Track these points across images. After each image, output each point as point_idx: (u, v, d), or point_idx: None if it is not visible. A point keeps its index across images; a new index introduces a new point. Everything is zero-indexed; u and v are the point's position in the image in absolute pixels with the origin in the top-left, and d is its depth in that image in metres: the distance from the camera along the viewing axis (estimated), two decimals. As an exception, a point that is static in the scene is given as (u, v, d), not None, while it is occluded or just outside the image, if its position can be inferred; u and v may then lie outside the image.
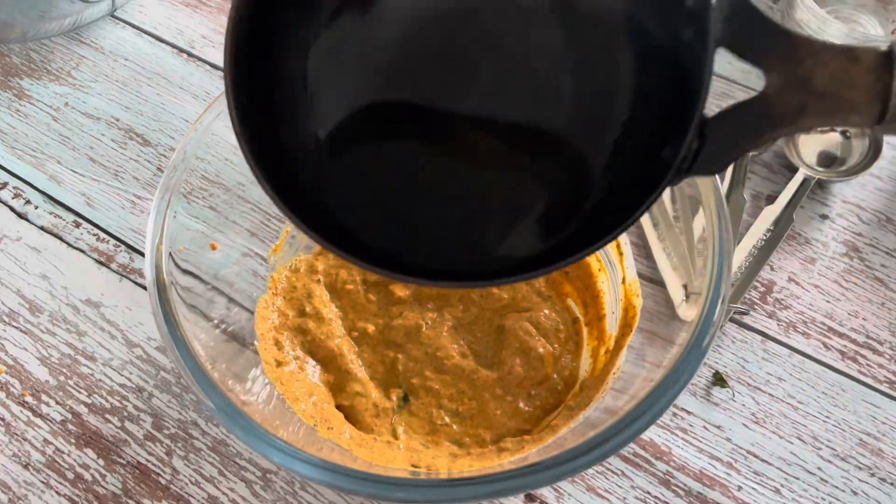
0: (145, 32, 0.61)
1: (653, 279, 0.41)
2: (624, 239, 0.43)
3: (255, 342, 0.41)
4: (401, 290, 0.45)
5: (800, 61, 0.25)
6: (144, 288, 0.49)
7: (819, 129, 0.42)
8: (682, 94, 0.27)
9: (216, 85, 0.58)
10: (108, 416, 0.44)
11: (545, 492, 0.42)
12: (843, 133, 0.52)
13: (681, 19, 0.27)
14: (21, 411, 0.45)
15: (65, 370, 0.46)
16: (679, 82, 0.27)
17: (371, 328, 0.44)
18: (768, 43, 0.26)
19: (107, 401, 0.45)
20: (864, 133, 0.51)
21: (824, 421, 0.44)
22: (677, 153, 0.27)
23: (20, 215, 0.52)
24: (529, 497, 0.42)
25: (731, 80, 0.56)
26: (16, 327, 0.47)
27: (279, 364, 0.41)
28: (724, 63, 0.57)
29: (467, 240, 0.31)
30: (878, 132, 0.25)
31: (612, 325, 0.43)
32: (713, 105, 0.51)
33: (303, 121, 0.31)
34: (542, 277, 0.45)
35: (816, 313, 0.47)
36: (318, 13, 0.30)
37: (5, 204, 0.53)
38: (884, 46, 0.25)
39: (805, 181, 0.50)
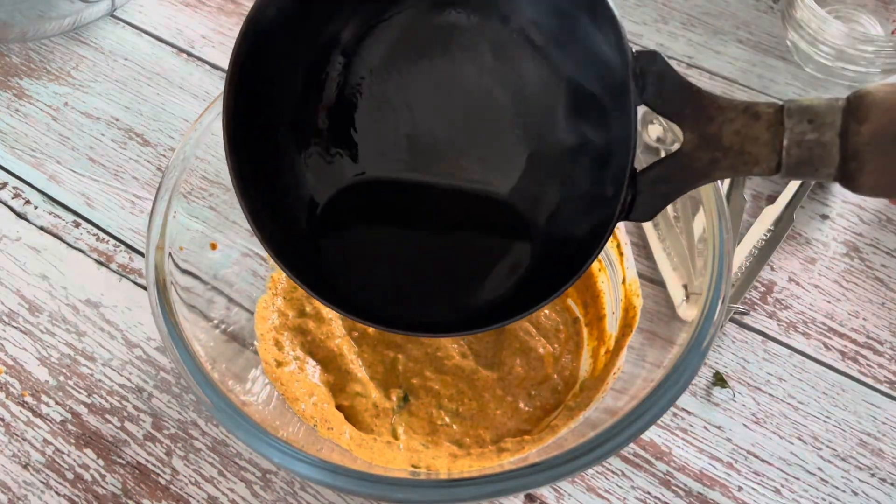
0: (145, 32, 0.61)
1: (653, 279, 0.41)
2: (624, 239, 0.43)
3: (255, 342, 0.41)
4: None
5: (709, 119, 0.29)
6: (144, 288, 0.49)
7: (730, 178, 0.47)
8: (615, 150, 0.31)
9: (216, 85, 0.58)
10: (107, 416, 0.44)
11: (545, 492, 0.42)
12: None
13: (605, 85, 0.30)
14: (21, 411, 0.45)
15: (64, 370, 0.46)
16: (610, 141, 0.31)
17: (371, 328, 0.44)
18: (681, 102, 0.29)
19: (106, 401, 0.45)
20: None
21: (824, 421, 0.44)
22: (616, 203, 0.30)
23: (20, 215, 0.52)
24: (529, 497, 0.42)
25: (731, 79, 0.56)
26: (15, 327, 0.47)
27: (279, 364, 0.41)
28: (725, 63, 0.57)
29: (444, 295, 0.35)
30: (781, 180, 0.28)
31: (612, 326, 0.43)
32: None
33: (297, 196, 0.35)
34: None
35: (817, 313, 0.47)
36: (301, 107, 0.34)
37: (5, 204, 0.53)
38: (780, 103, 0.28)
39: (805, 181, 0.50)
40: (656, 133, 0.52)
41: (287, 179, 0.34)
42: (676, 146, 0.29)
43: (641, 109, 0.30)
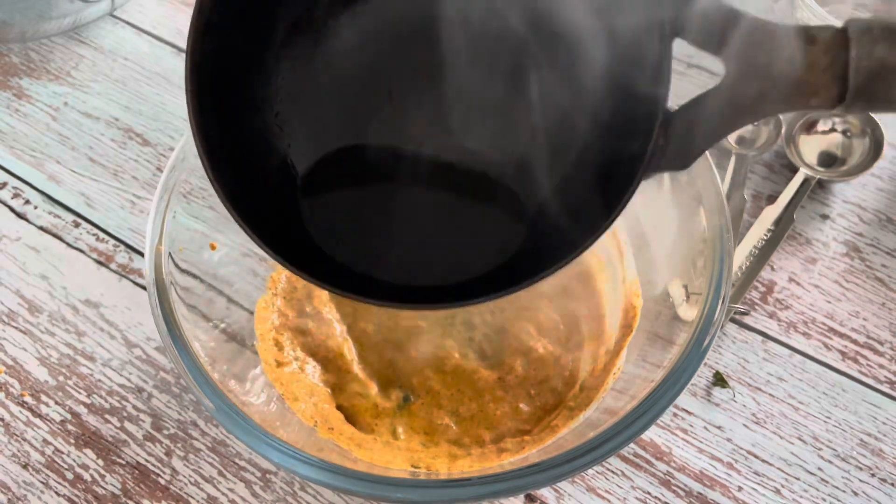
0: (145, 32, 0.61)
1: (653, 279, 0.41)
2: (624, 239, 0.43)
3: (255, 342, 0.41)
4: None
5: (756, 46, 0.25)
6: (144, 288, 0.49)
7: (782, 113, 0.41)
8: (645, 90, 0.27)
9: (216, 85, 0.58)
10: (107, 416, 0.44)
11: (545, 492, 0.42)
12: (844, 133, 0.52)
13: (636, 13, 0.26)
14: (20, 411, 0.45)
15: (64, 370, 0.46)
16: (641, 78, 0.27)
17: (371, 328, 0.44)
18: (724, 29, 0.25)
19: (106, 401, 0.45)
20: (865, 133, 0.51)
21: (825, 421, 0.43)
22: (644, 152, 0.26)
23: (19, 215, 0.52)
24: (529, 497, 0.42)
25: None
26: (15, 327, 0.47)
27: (279, 364, 0.41)
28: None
29: (440, 263, 0.32)
30: (842, 113, 0.25)
31: (612, 326, 0.43)
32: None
33: (274, 152, 0.31)
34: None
35: (817, 313, 0.47)
36: (271, 43, 0.30)
37: (4, 204, 0.53)
38: (839, 24, 0.24)
39: (806, 181, 0.50)
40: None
41: (260, 144, 0.31)
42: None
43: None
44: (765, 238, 0.48)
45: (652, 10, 0.25)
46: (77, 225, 0.52)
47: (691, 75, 0.56)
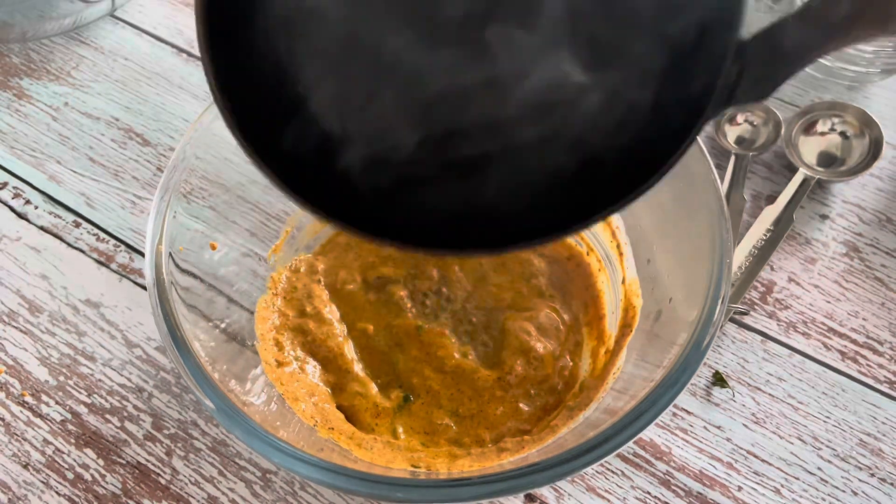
0: (145, 32, 0.61)
1: (653, 279, 0.41)
2: (624, 239, 0.43)
3: (255, 342, 0.41)
4: (401, 290, 0.45)
5: None
6: (144, 288, 0.49)
7: (875, 38, 0.37)
8: (717, 12, 0.24)
9: (216, 85, 0.58)
10: (107, 416, 0.44)
11: (545, 492, 0.42)
12: (844, 133, 0.52)
13: None
14: (21, 411, 0.45)
15: (64, 370, 0.46)
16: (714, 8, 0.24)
17: (371, 328, 0.44)
18: None
19: (106, 401, 0.45)
20: (864, 133, 0.51)
21: (824, 421, 0.44)
22: (715, 80, 0.24)
23: (20, 215, 0.52)
24: (529, 497, 0.42)
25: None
26: (15, 327, 0.47)
27: (279, 364, 0.41)
28: None
29: (479, 194, 0.28)
30: None
31: (612, 325, 0.43)
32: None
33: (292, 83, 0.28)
34: (545, 280, 0.45)
35: (816, 313, 0.47)
36: None
37: (5, 204, 0.53)
38: None
39: (805, 181, 0.50)
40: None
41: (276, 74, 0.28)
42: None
43: None
44: (764, 238, 0.48)
45: None
46: (77, 225, 0.52)
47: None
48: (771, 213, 0.49)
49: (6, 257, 0.50)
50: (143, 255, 0.50)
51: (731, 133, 0.53)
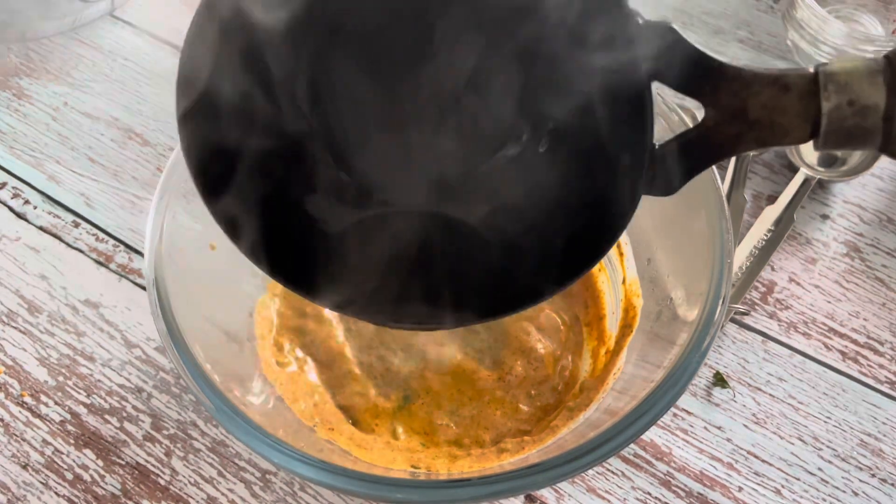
0: (145, 32, 0.61)
1: (653, 279, 0.41)
2: (624, 239, 0.43)
3: (255, 343, 0.41)
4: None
5: (734, 94, 0.27)
6: (144, 288, 0.49)
7: (758, 150, 0.47)
8: (632, 127, 0.29)
9: (216, 85, 0.58)
10: (107, 416, 0.44)
11: (545, 492, 0.42)
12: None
13: (616, 64, 0.28)
14: (20, 412, 0.45)
15: (64, 370, 0.46)
16: (628, 118, 0.29)
17: (371, 328, 0.44)
18: (700, 78, 0.27)
19: (106, 401, 0.45)
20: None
21: (825, 421, 0.43)
22: (638, 180, 0.29)
23: (19, 215, 0.52)
24: (529, 498, 0.42)
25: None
26: (15, 327, 0.47)
27: (279, 364, 0.41)
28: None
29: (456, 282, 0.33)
30: (816, 149, 0.27)
31: (612, 326, 0.43)
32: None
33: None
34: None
35: (817, 314, 0.47)
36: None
37: (4, 204, 0.53)
38: (811, 69, 0.26)
39: (806, 181, 0.50)
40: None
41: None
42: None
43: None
44: (765, 238, 0.48)
45: (628, 59, 0.27)
46: (77, 225, 0.52)
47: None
48: (772, 213, 0.49)
49: (5, 257, 0.50)
50: (142, 255, 0.50)
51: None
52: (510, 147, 0.32)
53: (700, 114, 0.28)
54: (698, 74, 0.27)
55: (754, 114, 0.27)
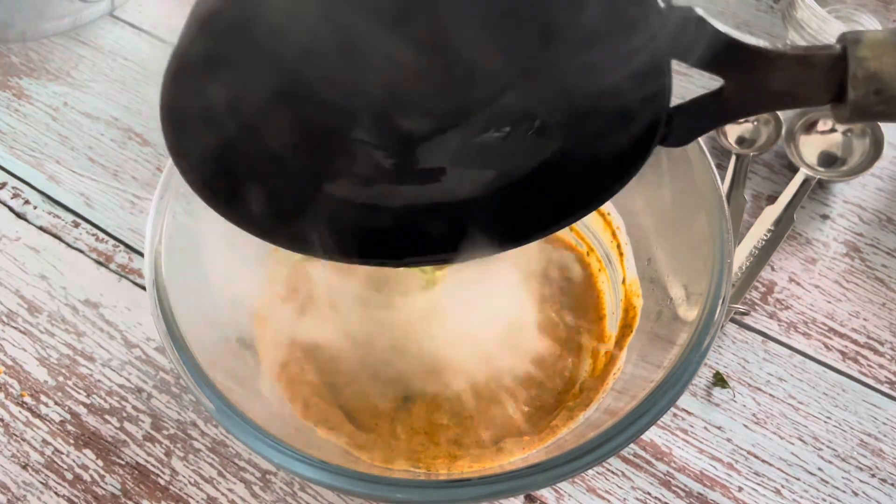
0: (145, 32, 0.61)
1: (653, 279, 0.41)
2: (624, 239, 0.43)
3: (255, 342, 0.41)
4: (401, 291, 0.45)
5: (755, 71, 0.27)
6: (143, 288, 0.49)
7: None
8: (652, 97, 0.29)
9: (216, 85, 0.58)
10: (107, 416, 0.44)
11: (545, 492, 0.41)
12: (844, 133, 0.52)
13: (640, 39, 0.28)
14: (20, 412, 0.45)
15: (64, 370, 0.46)
16: (648, 89, 0.29)
17: (371, 328, 0.44)
18: (723, 58, 0.27)
19: (106, 401, 0.45)
20: (865, 133, 0.51)
21: (825, 421, 0.43)
22: (652, 140, 0.29)
23: (19, 215, 0.52)
24: (529, 497, 0.42)
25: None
26: (14, 327, 0.47)
27: (279, 364, 0.41)
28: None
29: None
30: (841, 123, 0.27)
31: (612, 326, 0.43)
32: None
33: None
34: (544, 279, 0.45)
35: (817, 314, 0.47)
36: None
37: (4, 204, 0.53)
38: (837, 46, 0.26)
39: (806, 181, 0.50)
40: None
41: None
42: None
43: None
44: (765, 238, 0.48)
45: (647, 39, 0.27)
46: (77, 225, 0.52)
47: (691, 75, 0.56)
48: (771, 213, 0.49)
49: (5, 257, 0.50)
50: (142, 255, 0.50)
51: (732, 133, 0.53)
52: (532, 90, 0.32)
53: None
54: (718, 53, 0.27)
55: (776, 86, 0.27)
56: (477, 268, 0.45)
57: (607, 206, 0.43)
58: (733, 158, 0.51)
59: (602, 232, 0.44)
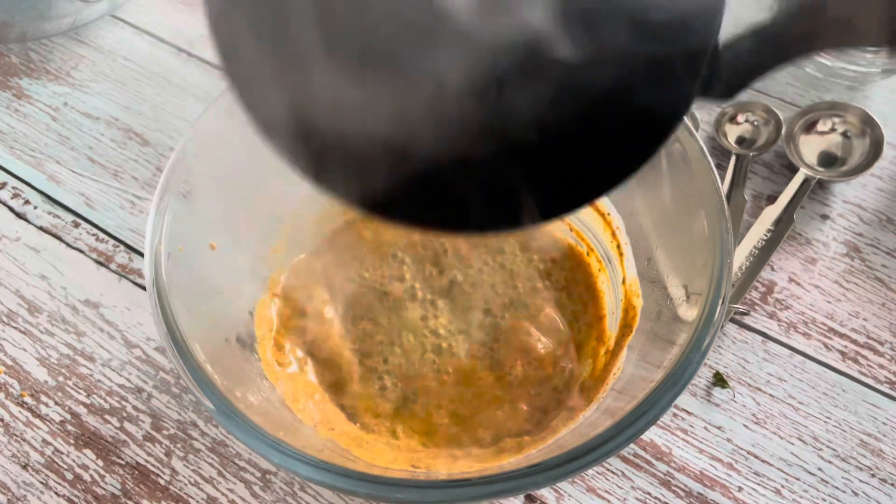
0: (145, 32, 0.61)
1: (653, 279, 0.41)
2: (624, 239, 0.43)
3: (255, 343, 0.41)
4: (401, 291, 0.45)
5: None
6: (143, 288, 0.49)
7: (831, 50, 0.43)
8: (698, 26, 0.27)
9: (216, 84, 0.58)
10: (107, 416, 0.44)
11: (545, 492, 0.42)
12: (844, 133, 0.52)
13: None
14: (20, 412, 0.45)
15: (64, 370, 0.46)
16: (695, 16, 0.27)
17: (371, 328, 0.44)
18: None
19: (106, 401, 0.45)
20: (865, 133, 0.51)
21: (825, 421, 0.43)
22: (693, 81, 0.26)
23: (19, 215, 0.52)
24: (529, 497, 0.42)
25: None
26: (15, 327, 0.47)
27: (279, 365, 0.41)
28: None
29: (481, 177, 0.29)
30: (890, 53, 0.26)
31: (612, 326, 0.43)
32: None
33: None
34: (545, 279, 0.45)
35: (817, 314, 0.47)
36: None
37: (4, 204, 0.53)
38: None
39: (806, 181, 0.50)
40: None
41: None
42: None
43: None
44: (765, 238, 0.48)
45: None
46: (77, 225, 0.52)
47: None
48: (771, 213, 0.49)
49: (5, 257, 0.50)
50: (142, 255, 0.50)
51: (732, 133, 0.53)
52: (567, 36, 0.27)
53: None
54: None
55: (833, 11, 0.25)
56: (477, 268, 0.46)
57: (607, 206, 0.43)
58: (733, 158, 0.51)
59: (602, 232, 0.44)
